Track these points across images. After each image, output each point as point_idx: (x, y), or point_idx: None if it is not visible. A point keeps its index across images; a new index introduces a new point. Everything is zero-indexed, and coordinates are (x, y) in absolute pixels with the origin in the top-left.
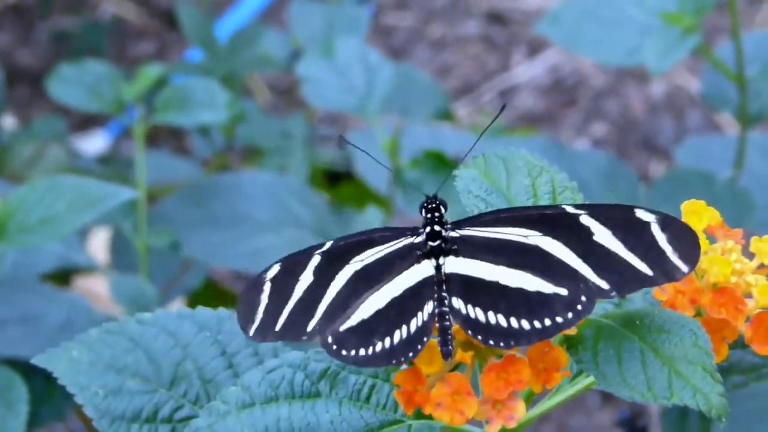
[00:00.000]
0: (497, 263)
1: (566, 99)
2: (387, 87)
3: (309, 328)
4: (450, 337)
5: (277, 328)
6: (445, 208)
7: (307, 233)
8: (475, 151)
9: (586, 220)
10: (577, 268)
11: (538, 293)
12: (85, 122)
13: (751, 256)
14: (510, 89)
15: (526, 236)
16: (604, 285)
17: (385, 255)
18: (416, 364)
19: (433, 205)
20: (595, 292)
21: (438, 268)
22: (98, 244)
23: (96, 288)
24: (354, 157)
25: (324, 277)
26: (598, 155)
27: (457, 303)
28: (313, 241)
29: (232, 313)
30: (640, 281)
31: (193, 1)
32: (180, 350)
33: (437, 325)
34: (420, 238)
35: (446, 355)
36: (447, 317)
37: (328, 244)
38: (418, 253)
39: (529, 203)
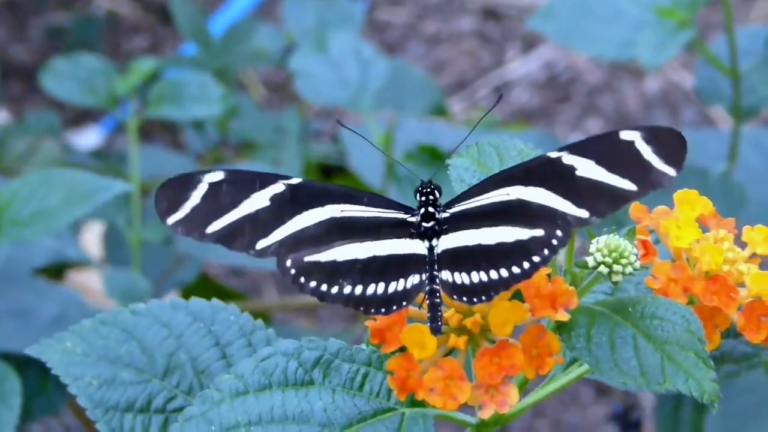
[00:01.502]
0: (479, 227)
1: (561, 95)
2: (381, 81)
3: (259, 246)
4: (439, 313)
5: (210, 230)
6: (440, 193)
7: None
8: (469, 143)
9: (568, 158)
10: (556, 206)
11: (516, 241)
12: (79, 117)
13: (743, 246)
14: (504, 85)
15: (508, 194)
16: (583, 214)
17: (373, 217)
18: (408, 349)
19: (428, 189)
20: (572, 224)
21: (431, 249)
22: (91, 239)
23: (89, 282)
24: (347, 151)
25: (286, 207)
26: None
27: (446, 275)
28: None
29: (226, 305)
30: (621, 198)
31: None
32: (173, 341)
33: (427, 301)
34: (414, 219)
35: (435, 330)
36: (437, 294)
37: (297, 180)
38: (412, 231)
39: None
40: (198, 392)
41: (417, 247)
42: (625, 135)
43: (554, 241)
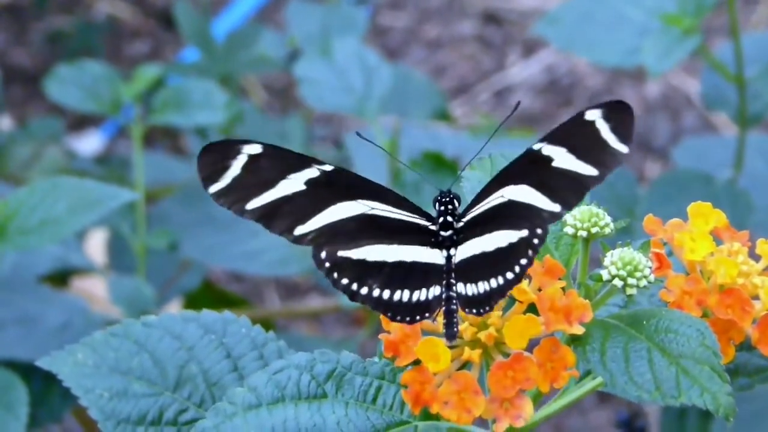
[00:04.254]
0: (483, 234)
1: (562, 99)
2: (385, 88)
3: (298, 233)
4: (455, 320)
5: (251, 207)
6: (458, 202)
7: None
8: (475, 151)
9: (547, 149)
10: (534, 203)
11: (509, 245)
12: (80, 122)
13: (757, 258)
14: (505, 89)
15: (502, 195)
16: (555, 208)
17: (399, 219)
18: (423, 362)
19: (447, 199)
20: (548, 220)
21: (449, 258)
22: (96, 245)
23: (94, 289)
24: (351, 158)
25: (320, 194)
26: None
27: (461, 288)
28: None
29: (237, 317)
30: (585, 186)
31: (189, 0)
32: (185, 353)
33: (443, 308)
34: (434, 227)
35: (450, 336)
36: (454, 301)
37: (330, 166)
38: (432, 240)
39: None
40: (210, 404)
41: (437, 256)
42: (589, 115)
43: (535, 240)
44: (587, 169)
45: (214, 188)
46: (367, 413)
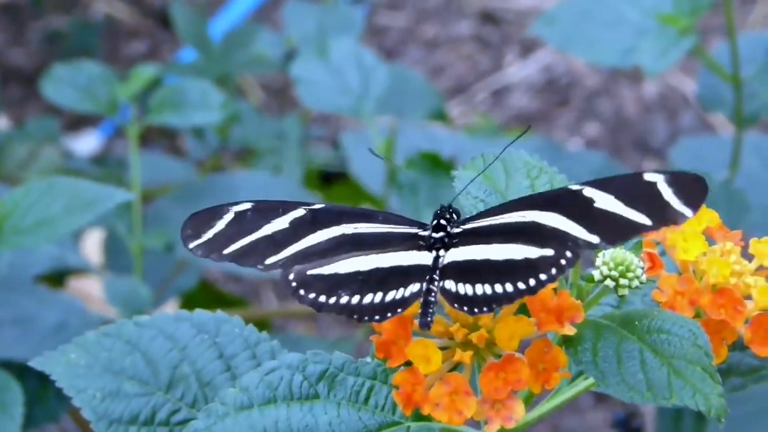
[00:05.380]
0: (490, 243)
1: (559, 99)
2: (382, 88)
3: (269, 261)
4: (431, 309)
5: (227, 251)
6: (457, 216)
7: None
8: (472, 151)
9: (588, 192)
10: (568, 230)
11: (525, 259)
12: (77, 122)
13: (750, 258)
14: (503, 89)
15: (524, 216)
16: (593, 239)
17: (384, 231)
18: (414, 363)
19: (446, 210)
20: (582, 246)
21: (437, 258)
22: (92, 245)
23: (90, 289)
24: (349, 158)
25: (303, 228)
26: (594, 156)
27: (450, 284)
28: None
29: (230, 317)
30: (634, 229)
31: (186, 0)
32: (177, 353)
33: (421, 299)
34: (426, 232)
35: (423, 325)
36: (433, 293)
37: (320, 204)
38: (421, 243)
39: None
40: (202, 404)
41: (423, 258)
42: (649, 177)
43: (563, 261)
44: (639, 217)
45: (193, 243)
46: (359, 414)
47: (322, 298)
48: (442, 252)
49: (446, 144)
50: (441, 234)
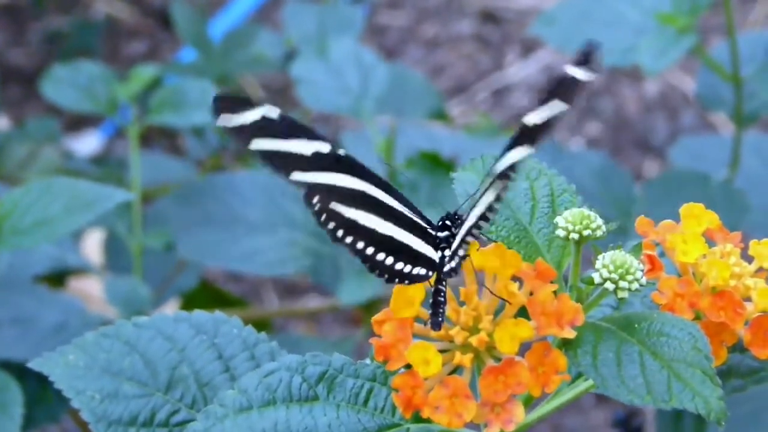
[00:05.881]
0: None
1: None
2: (382, 88)
3: (295, 177)
4: (441, 310)
5: (254, 146)
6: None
7: (301, 233)
8: (472, 151)
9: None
10: None
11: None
12: (77, 122)
13: (749, 259)
14: (503, 88)
15: None
16: None
17: (400, 210)
18: (414, 366)
19: (452, 216)
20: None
21: (443, 258)
22: (92, 245)
23: (90, 289)
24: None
25: (326, 163)
26: (594, 155)
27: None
28: (307, 241)
29: (229, 318)
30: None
31: (186, 0)
32: (176, 354)
33: (431, 300)
34: (433, 231)
35: (435, 325)
36: (442, 294)
37: (343, 151)
38: (428, 237)
39: (528, 207)
40: (201, 405)
41: (430, 251)
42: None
43: None
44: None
45: (231, 122)
46: (359, 416)
47: (340, 233)
48: (447, 251)
49: (446, 144)
50: (446, 234)
